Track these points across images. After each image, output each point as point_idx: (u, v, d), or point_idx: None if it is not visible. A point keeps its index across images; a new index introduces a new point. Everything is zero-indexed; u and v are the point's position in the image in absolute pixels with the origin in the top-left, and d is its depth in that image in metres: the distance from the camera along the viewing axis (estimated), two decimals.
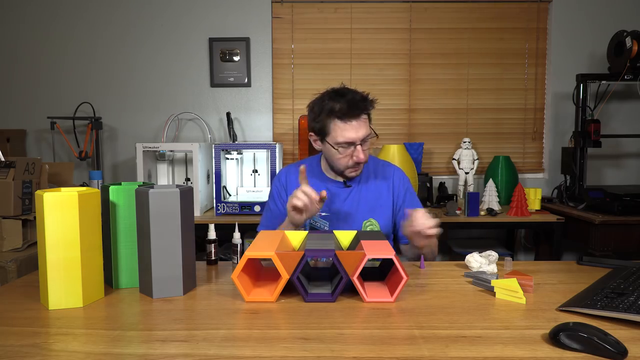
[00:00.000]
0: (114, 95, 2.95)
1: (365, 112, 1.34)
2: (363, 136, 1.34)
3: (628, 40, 2.41)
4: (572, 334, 0.77)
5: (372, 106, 1.36)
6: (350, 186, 1.47)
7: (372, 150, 2.81)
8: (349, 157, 1.37)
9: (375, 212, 1.46)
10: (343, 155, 1.37)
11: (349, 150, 1.35)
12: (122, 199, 1.08)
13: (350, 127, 1.32)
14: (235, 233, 1.33)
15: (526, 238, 3.01)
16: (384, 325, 0.87)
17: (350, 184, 1.47)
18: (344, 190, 1.47)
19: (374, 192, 1.48)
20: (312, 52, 2.94)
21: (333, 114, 1.32)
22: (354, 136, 1.33)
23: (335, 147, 1.36)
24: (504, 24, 2.94)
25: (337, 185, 1.48)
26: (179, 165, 2.64)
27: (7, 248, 1.85)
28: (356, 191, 1.47)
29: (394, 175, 1.50)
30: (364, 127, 1.34)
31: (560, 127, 2.98)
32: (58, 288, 0.96)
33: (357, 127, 1.32)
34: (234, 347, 0.78)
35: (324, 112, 1.34)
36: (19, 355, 0.75)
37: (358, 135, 1.33)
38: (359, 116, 1.32)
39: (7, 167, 1.88)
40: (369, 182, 1.49)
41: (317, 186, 1.45)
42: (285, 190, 1.51)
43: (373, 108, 1.38)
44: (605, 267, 1.25)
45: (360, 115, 1.32)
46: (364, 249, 1.02)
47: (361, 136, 1.33)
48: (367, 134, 1.35)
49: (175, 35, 2.92)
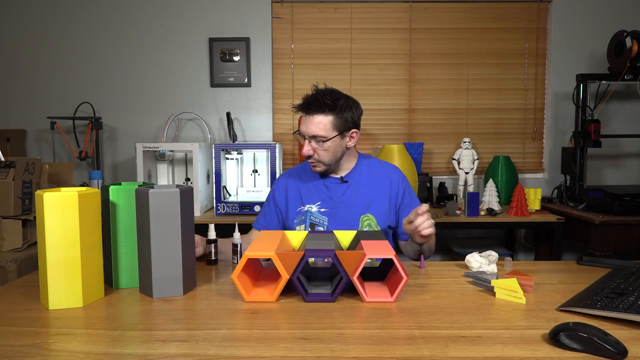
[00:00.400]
0: (114, 95, 2.95)
1: (317, 112, 1.42)
2: (311, 133, 1.43)
3: (628, 40, 2.41)
4: (572, 334, 0.77)
5: (327, 109, 1.42)
6: (346, 181, 1.52)
7: (372, 150, 2.81)
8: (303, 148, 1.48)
9: (372, 207, 1.50)
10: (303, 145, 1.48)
11: (305, 142, 1.46)
12: (122, 199, 1.08)
13: (304, 120, 1.45)
14: (235, 233, 1.33)
15: (526, 238, 3.01)
16: (384, 325, 0.87)
17: (346, 180, 1.53)
18: (341, 185, 1.53)
19: (371, 188, 1.52)
20: (312, 52, 2.94)
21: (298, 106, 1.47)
22: (303, 129, 1.45)
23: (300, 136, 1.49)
24: (504, 24, 2.94)
25: (334, 181, 1.53)
26: (179, 165, 2.64)
27: (7, 248, 1.85)
28: (353, 187, 1.52)
29: (392, 174, 1.55)
30: (315, 126, 1.42)
31: (560, 127, 2.98)
32: (58, 288, 0.96)
33: (308, 123, 1.43)
34: (234, 347, 0.78)
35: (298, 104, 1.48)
36: (19, 355, 0.75)
37: (306, 130, 1.44)
38: (311, 113, 1.43)
39: (7, 167, 1.88)
40: (366, 179, 1.54)
41: (317, 182, 1.54)
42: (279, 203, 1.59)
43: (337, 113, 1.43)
44: (605, 267, 1.25)
45: (311, 112, 1.42)
46: (364, 249, 1.02)
47: (309, 132, 1.43)
48: (317, 134, 1.42)
49: (175, 35, 2.92)
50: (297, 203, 1.54)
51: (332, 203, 1.51)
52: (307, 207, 1.52)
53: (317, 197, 1.52)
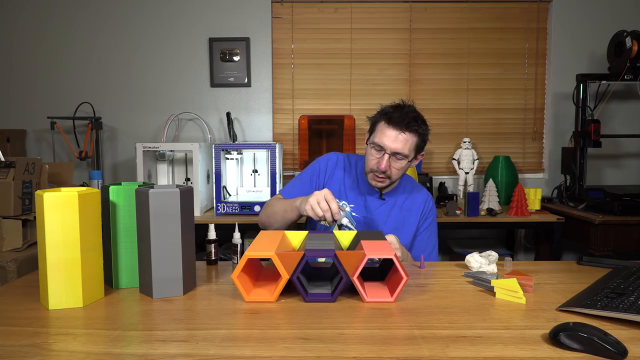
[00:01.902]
0: (113, 95, 2.95)
1: (409, 130, 1.37)
2: (396, 150, 1.37)
3: (628, 40, 2.41)
4: (572, 334, 0.77)
5: (419, 129, 1.39)
6: (384, 199, 1.51)
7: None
8: (376, 160, 1.41)
9: (399, 230, 1.49)
10: (373, 156, 1.41)
11: (378, 154, 1.40)
12: (122, 199, 1.08)
13: (390, 135, 1.38)
14: (235, 233, 1.33)
15: (526, 238, 3.01)
16: (384, 325, 0.87)
17: (384, 198, 1.51)
18: (378, 201, 1.51)
19: (403, 213, 1.51)
20: (312, 52, 2.94)
21: (384, 115, 1.40)
22: (387, 143, 1.38)
23: (371, 145, 1.42)
24: (504, 24, 2.94)
25: (373, 196, 1.52)
26: (179, 165, 2.64)
27: (7, 248, 1.85)
28: (388, 207, 1.51)
29: (426, 201, 1.54)
30: (402, 143, 1.37)
31: (560, 127, 2.98)
32: (58, 288, 0.96)
33: (395, 138, 1.37)
34: (234, 347, 0.78)
35: (380, 112, 1.43)
36: (19, 355, 0.75)
37: (392, 145, 1.37)
38: (403, 130, 1.37)
39: (7, 167, 1.88)
40: (402, 203, 1.52)
41: (359, 188, 1.51)
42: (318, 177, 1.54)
43: (422, 134, 1.40)
44: (605, 267, 1.25)
45: (403, 129, 1.37)
46: (364, 249, 1.02)
47: (394, 148, 1.37)
48: (402, 152, 1.38)
49: (175, 35, 2.92)
50: (335, 193, 1.49)
51: (365, 212, 1.50)
52: (342, 203, 1.50)
53: (354, 200, 1.51)
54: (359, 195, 1.51)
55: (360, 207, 1.50)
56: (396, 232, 1.47)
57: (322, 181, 1.54)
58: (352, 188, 1.52)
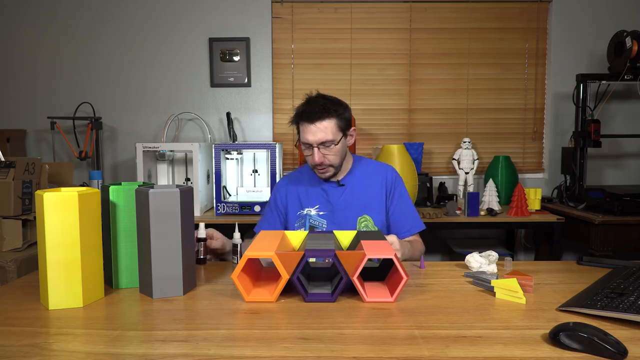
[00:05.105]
0: (113, 95, 2.95)
1: (323, 119, 1.43)
2: (320, 140, 1.43)
3: (628, 40, 2.40)
4: (572, 334, 0.77)
5: (333, 113, 1.44)
6: (343, 185, 1.55)
7: (373, 150, 2.81)
8: (311, 157, 1.47)
9: (368, 208, 1.52)
10: (307, 155, 1.48)
11: (309, 151, 1.46)
12: (122, 199, 1.08)
13: (309, 130, 1.44)
14: (235, 233, 1.33)
15: (526, 238, 3.01)
16: (384, 325, 0.87)
17: (343, 183, 1.55)
18: (338, 189, 1.55)
19: (366, 189, 1.54)
20: (312, 52, 2.94)
21: (298, 116, 1.46)
22: (310, 138, 1.44)
23: (301, 145, 1.49)
24: (504, 24, 2.94)
25: (332, 185, 1.56)
26: (179, 165, 2.63)
27: (7, 248, 1.85)
28: (349, 190, 1.55)
29: (386, 172, 1.57)
30: (323, 132, 1.42)
31: (560, 127, 2.98)
32: (58, 288, 0.96)
33: (315, 131, 1.43)
34: (234, 347, 0.78)
35: (295, 114, 1.48)
36: (19, 355, 0.75)
37: (314, 139, 1.43)
38: (316, 121, 1.42)
39: (7, 167, 1.87)
40: (362, 181, 1.56)
41: (315, 187, 1.57)
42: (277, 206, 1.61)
43: (339, 114, 1.46)
44: (605, 267, 1.25)
45: (316, 120, 1.42)
46: (364, 249, 1.02)
47: (317, 140, 1.43)
48: (326, 139, 1.43)
49: (175, 36, 2.92)
50: (297, 207, 1.57)
51: (330, 206, 1.53)
52: (307, 210, 1.55)
53: (316, 201, 1.55)
54: (319, 193, 1.55)
55: (324, 204, 1.54)
56: (365, 210, 1.51)
57: (284, 207, 1.59)
58: (308, 192, 1.57)
